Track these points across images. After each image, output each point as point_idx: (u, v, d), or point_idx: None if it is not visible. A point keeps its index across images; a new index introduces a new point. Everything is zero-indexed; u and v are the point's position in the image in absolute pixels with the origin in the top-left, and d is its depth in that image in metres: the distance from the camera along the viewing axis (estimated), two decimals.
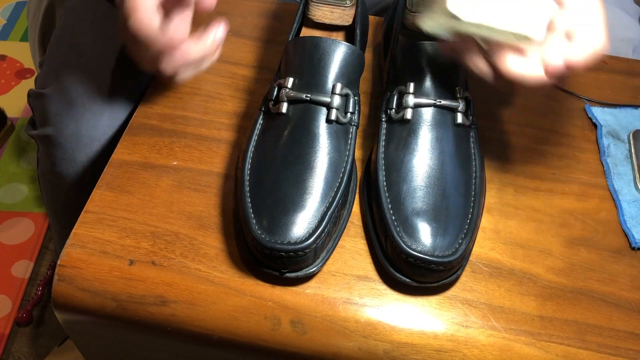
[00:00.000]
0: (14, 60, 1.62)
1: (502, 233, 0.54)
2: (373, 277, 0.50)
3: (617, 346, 0.48)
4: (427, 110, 0.53)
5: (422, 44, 0.55)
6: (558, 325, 0.49)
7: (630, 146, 0.62)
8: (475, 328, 0.48)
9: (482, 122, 0.62)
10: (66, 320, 0.51)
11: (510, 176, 0.59)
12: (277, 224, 0.47)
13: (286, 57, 0.56)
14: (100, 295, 0.49)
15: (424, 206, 0.49)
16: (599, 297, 0.51)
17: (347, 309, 0.48)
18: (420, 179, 0.50)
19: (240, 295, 0.49)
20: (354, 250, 0.52)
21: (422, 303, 0.49)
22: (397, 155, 0.52)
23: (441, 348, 0.47)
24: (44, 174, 0.72)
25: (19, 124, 1.45)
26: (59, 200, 0.75)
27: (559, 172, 0.59)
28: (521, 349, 0.47)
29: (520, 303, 0.50)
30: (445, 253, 0.47)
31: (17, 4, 1.80)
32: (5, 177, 1.35)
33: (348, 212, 0.53)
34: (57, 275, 0.50)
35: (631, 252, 0.54)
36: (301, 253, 0.46)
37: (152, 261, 0.50)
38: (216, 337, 0.48)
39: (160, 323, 0.48)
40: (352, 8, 0.62)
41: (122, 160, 0.57)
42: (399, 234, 0.47)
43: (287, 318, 0.48)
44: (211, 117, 0.61)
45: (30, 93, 0.67)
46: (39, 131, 0.66)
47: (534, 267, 0.52)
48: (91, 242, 0.51)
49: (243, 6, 0.74)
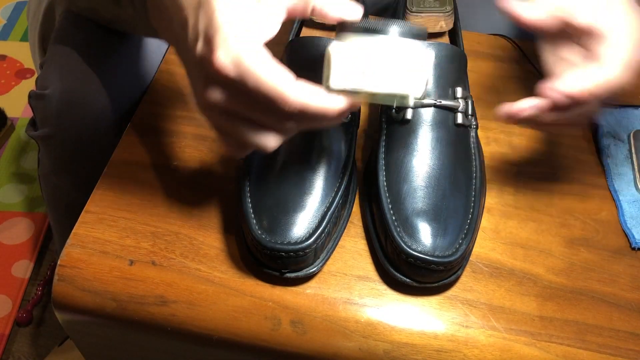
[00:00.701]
0: (14, 60, 1.62)
1: (502, 233, 0.54)
2: (373, 277, 0.50)
3: (618, 346, 0.48)
4: (427, 110, 0.53)
5: (423, 43, 0.55)
6: (558, 325, 0.49)
7: (631, 146, 0.62)
8: (475, 328, 0.48)
9: (482, 122, 0.62)
10: (66, 320, 0.51)
11: (510, 176, 0.59)
12: (277, 224, 0.47)
13: (286, 57, 0.56)
14: (100, 295, 0.49)
15: (424, 206, 0.49)
16: (599, 297, 0.51)
17: (347, 309, 0.48)
18: (420, 179, 0.50)
19: (240, 295, 0.49)
20: (354, 250, 0.52)
21: (422, 303, 0.49)
22: (398, 155, 0.52)
23: (441, 348, 0.47)
24: (45, 174, 0.72)
25: (19, 124, 1.45)
26: (59, 200, 0.75)
27: (559, 172, 0.59)
28: (521, 349, 0.47)
29: (520, 303, 0.50)
30: (445, 253, 0.47)
31: (17, 4, 1.79)
32: (5, 177, 1.35)
33: (348, 212, 0.53)
34: (57, 275, 0.50)
35: (631, 252, 0.54)
36: (301, 253, 0.46)
37: (152, 261, 0.50)
38: (216, 337, 0.48)
39: (160, 323, 0.48)
40: None
41: (122, 160, 0.57)
42: (399, 234, 0.47)
43: (287, 318, 0.48)
44: None
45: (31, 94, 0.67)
46: (39, 132, 0.66)
47: (534, 267, 0.52)
48: (91, 242, 0.51)
49: None
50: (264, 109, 0.39)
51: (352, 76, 0.40)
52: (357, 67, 0.40)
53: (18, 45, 1.66)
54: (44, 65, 0.67)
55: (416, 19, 0.62)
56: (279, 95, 0.38)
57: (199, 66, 0.40)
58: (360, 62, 0.40)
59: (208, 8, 0.39)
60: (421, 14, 0.62)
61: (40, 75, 0.68)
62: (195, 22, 0.40)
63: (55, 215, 0.79)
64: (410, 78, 0.40)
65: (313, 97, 0.39)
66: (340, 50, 0.40)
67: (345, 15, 0.41)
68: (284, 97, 0.38)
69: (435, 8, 0.62)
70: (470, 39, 0.72)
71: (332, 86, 0.41)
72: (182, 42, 0.42)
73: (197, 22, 0.40)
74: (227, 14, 0.38)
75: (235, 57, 0.37)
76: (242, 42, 0.38)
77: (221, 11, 0.38)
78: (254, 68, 0.37)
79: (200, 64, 0.39)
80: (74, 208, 0.55)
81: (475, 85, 0.66)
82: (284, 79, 0.38)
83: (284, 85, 0.38)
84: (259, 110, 0.40)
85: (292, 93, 0.38)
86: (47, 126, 0.65)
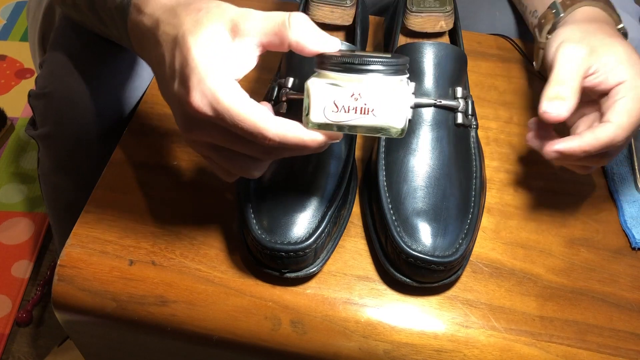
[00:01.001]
0: (14, 60, 1.62)
1: (502, 233, 0.54)
2: (373, 277, 0.50)
3: (618, 346, 0.48)
4: (428, 110, 0.53)
5: (423, 43, 0.55)
6: (558, 325, 0.49)
7: (631, 146, 0.62)
8: (475, 328, 0.48)
9: (482, 122, 0.62)
10: (66, 320, 0.51)
11: (510, 176, 0.59)
12: (277, 224, 0.47)
13: (286, 57, 0.56)
14: (100, 295, 0.49)
15: (424, 206, 0.49)
16: (599, 297, 0.51)
17: (347, 309, 0.48)
18: (420, 179, 0.50)
19: (240, 295, 0.49)
20: (354, 250, 0.52)
21: (423, 303, 0.49)
22: (398, 155, 0.52)
23: (441, 348, 0.47)
24: (45, 174, 0.72)
25: (19, 124, 1.45)
26: (59, 200, 0.75)
27: (560, 172, 0.59)
28: (521, 349, 0.47)
29: (520, 303, 0.50)
30: (445, 253, 0.47)
31: (17, 4, 1.79)
32: (5, 177, 1.35)
33: (348, 212, 0.53)
34: (57, 275, 0.50)
35: (631, 252, 0.54)
36: (301, 253, 0.46)
37: (152, 261, 0.50)
38: (216, 337, 0.48)
39: (160, 323, 0.48)
40: (352, 8, 0.62)
41: (122, 160, 0.57)
42: (399, 234, 0.47)
43: (287, 318, 0.48)
44: None
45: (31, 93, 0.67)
46: (39, 131, 0.66)
47: (535, 267, 0.52)
48: (91, 242, 0.51)
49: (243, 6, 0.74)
50: (245, 143, 0.40)
51: (332, 110, 0.40)
52: (336, 101, 0.40)
53: (18, 45, 1.66)
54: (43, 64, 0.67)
55: (416, 18, 0.62)
56: (258, 132, 0.39)
57: (177, 104, 0.40)
58: (340, 96, 0.40)
59: (183, 46, 0.39)
60: (421, 13, 0.62)
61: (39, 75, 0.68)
62: (171, 60, 0.40)
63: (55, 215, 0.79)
64: (391, 110, 0.40)
65: (291, 132, 0.39)
66: (318, 85, 0.40)
67: (322, 49, 0.41)
68: (262, 133, 0.39)
69: (435, 8, 0.62)
70: (470, 39, 0.72)
71: (312, 120, 0.40)
72: (160, 77, 0.43)
73: (174, 60, 0.40)
74: (202, 53, 0.39)
75: (212, 97, 0.38)
76: (218, 82, 0.38)
77: (196, 50, 0.39)
78: (231, 107, 0.38)
79: (179, 103, 0.40)
80: (74, 208, 0.55)
81: (475, 85, 0.66)
82: (262, 116, 0.39)
83: (262, 122, 0.39)
84: (240, 144, 0.41)
85: (270, 129, 0.39)
86: (46, 126, 0.65)
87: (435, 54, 0.54)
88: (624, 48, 0.50)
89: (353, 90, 0.40)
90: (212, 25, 0.40)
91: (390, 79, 0.40)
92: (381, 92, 0.40)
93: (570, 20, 0.56)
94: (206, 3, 0.41)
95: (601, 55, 0.49)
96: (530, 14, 0.64)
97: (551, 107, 0.47)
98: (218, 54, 0.39)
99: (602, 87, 0.49)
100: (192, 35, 0.39)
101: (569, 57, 0.49)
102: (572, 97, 0.47)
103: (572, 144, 0.47)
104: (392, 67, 0.40)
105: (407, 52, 0.55)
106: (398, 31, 0.61)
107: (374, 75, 0.40)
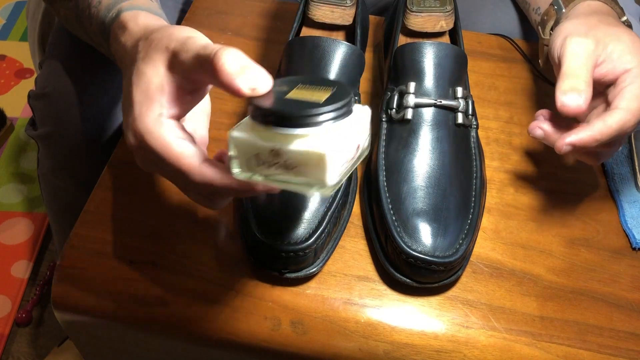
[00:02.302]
0: (13, 60, 1.62)
1: (502, 233, 0.54)
2: (373, 278, 0.50)
3: (618, 346, 0.48)
4: (428, 110, 0.53)
5: (423, 43, 0.55)
6: (559, 325, 0.49)
7: (631, 146, 0.61)
8: (475, 329, 0.48)
9: (482, 122, 0.62)
10: (66, 320, 0.51)
11: (510, 176, 0.59)
12: (277, 224, 0.47)
13: (286, 57, 0.56)
14: (100, 296, 0.49)
15: (424, 206, 0.49)
16: (599, 298, 0.51)
17: (347, 309, 0.48)
18: (420, 179, 0.50)
19: (240, 295, 0.48)
20: (354, 250, 0.52)
21: (423, 303, 0.49)
22: (398, 155, 0.52)
23: (441, 349, 0.47)
24: (44, 174, 0.72)
25: (19, 124, 1.45)
26: (59, 200, 0.75)
27: (560, 172, 0.59)
28: (522, 349, 0.47)
29: (520, 303, 0.50)
30: (445, 253, 0.47)
31: (16, 3, 1.80)
32: (5, 177, 1.35)
33: (348, 213, 0.53)
34: (57, 275, 0.49)
35: (632, 252, 0.54)
36: (301, 253, 0.46)
37: (152, 261, 0.50)
38: (216, 337, 0.48)
39: (160, 323, 0.48)
40: (352, 7, 0.62)
41: (122, 160, 0.57)
42: (399, 234, 0.47)
43: (287, 318, 0.48)
44: (211, 117, 0.61)
45: (31, 94, 0.67)
46: (39, 131, 0.66)
47: (535, 268, 0.52)
48: (91, 242, 0.51)
49: (243, 6, 0.74)
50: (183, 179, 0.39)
51: (256, 165, 0.36)
52: (261, 155, 0.36)
53: (17, 45, 1.66)
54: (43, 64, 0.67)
55: (416, 18, 0.62)
56: (184, 170, 0.38)
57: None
58: (265, 150, 0.35)
59: (129, 85, 0.40)
60: (421, 13, 0.62)
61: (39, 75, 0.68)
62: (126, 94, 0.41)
63: (55, 215, 0.79)
64: (324, 165, 0.34)
65: (218, 178, 0.38)
66: (242, 138, 0.36)
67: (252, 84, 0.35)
68: (188, 172, 0.38)
69: (436, 8, 0.62)
70: (470, 39, 0.72)
71: (235, 174, 0.37)
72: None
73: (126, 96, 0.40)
74: (139, 90, 0.39)
75: (140, 137, 0.38)
76: (146, 122, 0.38)
77: (135, 88, 0.39)
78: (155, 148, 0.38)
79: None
80: (74, 208, 0.55)
81: (475, 85, 0.66)
82: (188, 156, 0.38)
83: (186, 162, 0.37)
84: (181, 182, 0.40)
85: (195, 170, 0.38)
86: (46, 126, 0.65)
87: (435, 53, 0.54)
88: (629, 37, 0.50)
89: (273, 146, 0.35)
90: (152, 61, 0.39)
91: (325, 127, 0.35)
92: (302, 148, 0.34)
93: (573, 14, 0.56)
94: (161, 32, 0.40)
95: (607, 45, 0.49)
96: (533, 11, 0.64)
97: (568, 99, 0.47)
98: (153, 92, 0.38)
99: (610, 77, 0.49)
100: (137, 71, 0.39)
101: (577, 50, 0.49)
102: (587, 89, 0.47)
103: (584, 134, 0.47)
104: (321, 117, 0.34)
105: (407, 52, 0.55)
106: (398, 31, 0.61)
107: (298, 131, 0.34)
